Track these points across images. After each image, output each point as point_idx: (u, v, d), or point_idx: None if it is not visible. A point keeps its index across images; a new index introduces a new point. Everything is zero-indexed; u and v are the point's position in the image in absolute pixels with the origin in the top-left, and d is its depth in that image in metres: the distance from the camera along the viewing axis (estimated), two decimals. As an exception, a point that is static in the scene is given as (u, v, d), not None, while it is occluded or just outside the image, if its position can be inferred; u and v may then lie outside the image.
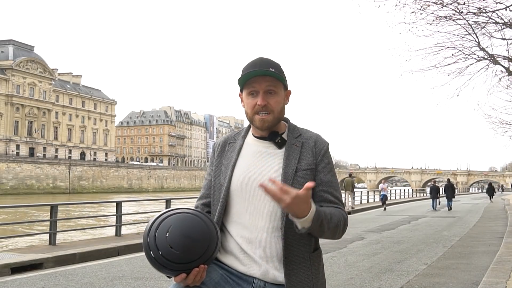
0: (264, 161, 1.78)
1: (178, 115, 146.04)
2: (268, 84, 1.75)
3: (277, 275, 1.70)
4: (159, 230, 1.58)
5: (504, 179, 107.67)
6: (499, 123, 18.76)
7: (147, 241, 1.59)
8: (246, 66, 1.78)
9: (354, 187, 23.12)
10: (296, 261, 1.69)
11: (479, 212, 23.07)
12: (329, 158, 1.83)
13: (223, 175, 1.82)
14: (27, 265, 7.33)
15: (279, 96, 1.78)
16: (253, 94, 1.77)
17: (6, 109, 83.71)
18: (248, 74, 1.74)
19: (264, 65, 1.75)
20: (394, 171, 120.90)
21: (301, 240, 1.71)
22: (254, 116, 1.78)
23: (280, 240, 1.69)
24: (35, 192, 71.11)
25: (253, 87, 1.77)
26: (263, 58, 1.79)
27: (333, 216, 1.68)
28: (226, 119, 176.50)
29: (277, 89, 1.77)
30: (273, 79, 1.76)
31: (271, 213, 1.72)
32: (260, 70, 1.73)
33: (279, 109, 1.78)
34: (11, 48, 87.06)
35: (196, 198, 1.99)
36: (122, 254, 8.81)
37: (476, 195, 61.42)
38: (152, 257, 1.58)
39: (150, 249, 1.58)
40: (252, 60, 1.79)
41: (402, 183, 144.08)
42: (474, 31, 11.29)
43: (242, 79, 1.77)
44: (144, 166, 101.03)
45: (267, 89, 1.75)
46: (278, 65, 1.79)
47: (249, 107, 1.79)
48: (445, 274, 7.09)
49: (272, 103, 1.76)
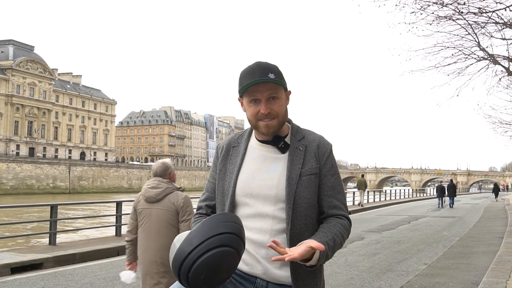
0: (268, 166, 1.78)
1: (178, 115, 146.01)
2: (269, 90, 1.73)
3: (279, 275, 1.71)
4: (192, 273, 1.47)
5: (504, 179, 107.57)
6: (499, 123, 18.72)
7: (179, 278, 1.50)
8: (244, 73, 1.75)
9: (366, 186, 26.02)
10: (302, 266, 1.69)
11: (479, 212, 23.09)
12: (332, 161, 1.82)
13: (227, 180, 1.82)
14: (27, 265, 7.33)
15: (281, 100, 1.77)
16: (255, 102, 1.75)
17: (6, 109, 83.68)
18: (248, 85, 1.72)
19: (263, 72, 1.71)
20: (394, 171, 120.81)
21: None
22: (258, 122, 1.76)
23: (284, 241, 1.70)
24: (35, 192, 71.08)
25: (255, 95, 1.74)
26: (260, 63, 1.75)
27: (336, 239, 1.70)
28: (226, 119, 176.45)
29: (278, 94, 1.76)
30: (274, 84, 1.73)
31: (274, 216, 1.72)
32: (261, 79, 1.70)
33: (282, 113, 1.77)
34: (11, 48, 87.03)
35: (196, 198, 2.01)
36: (122, 254, 8.78)
37: (476, 195, 61.39)
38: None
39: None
40: (249, 65, 1.76)
41: (402, 183, 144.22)
42: (474, 31, 11.29)
43: (243, 89, 1.74)
44: (144, 166, 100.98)
45: (269, 96, 1.74)
46: (276, 68, 1.76)
47: (251, 114, 1.77)
48: (445, 274, 7.09)
49: (275, 108, 1.74)
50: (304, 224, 1.72)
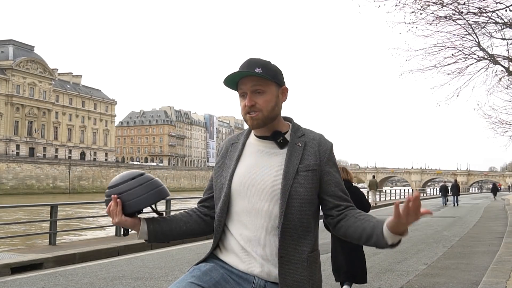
0: (265, 160, 1.78)
1: (178, 115, 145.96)
2: (254, 84, 1.75)
3: (277, 274, 1.69)
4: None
5: (504, 179, 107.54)
6: (499, 123, 18.75)
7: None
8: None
9: (377, 186, 28.04)
10: (292, 261, 1.69)
11: (479, 212, 23.09)
12: (334, 158, 1.84)
13: (224, 175, 1.83)
14: (27, 265, 7.33)
15: (268, 94, 1.77)
16: (243, 96, 1.78)
17: (6, 109, 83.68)
18: (229, 76, 1.75)
19: (250, 66, 1.74)
20: (394, 171, 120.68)
21: (299, 240, 1.71)
22: (245, 116, 1.79)
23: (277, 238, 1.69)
24: (35, 192, 71.09)
25: (241, 89, 1.78)
26: (251, 59, 1.78)
27: None
28: (226, 119, 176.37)
29: (265, 88, 1.76)
30: (259, 78, 1.75)
31: (270, 212, 1.71)
32: (242, 71, 1.73)
33: (269, 107, 1.77)
34: (11, 48, 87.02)
35: (196, 198, 2.02)
36: (122, 254, 8.81)
37: (476, 195, 61.37)
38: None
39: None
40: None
41: (402, 183, 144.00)
42: (474, 31, 11.29)
43: (225, 81, 1.77)
44: (144, 166, 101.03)
45: (254, 89, 1.75)
46: (267, 64, 1.77)
47: (241, 108, 1.80)
48: (445, 274, 7.09)
49: (260, 102, 1.75)
50: (298, 220, 1.71)
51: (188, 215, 1.92)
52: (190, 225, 1.90)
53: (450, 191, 31.24)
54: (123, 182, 1.77)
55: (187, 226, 1.89)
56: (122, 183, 1.77)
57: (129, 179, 1.78)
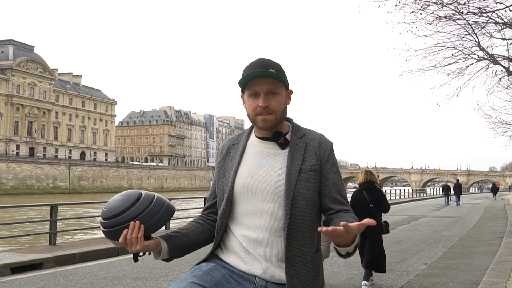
0: (267, 161, 1.78)
1: (178, 115, 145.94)
2: (269, 85, 1.74)
3: (278, 274, 1.69)
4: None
5: (504, 179, 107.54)
6: (499, 123, 18.76)
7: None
8: (246, 68, 1.77)
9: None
10: (298, 262, 1.68)
11: (479, 212, 23.10)
12: (334, 158, 1.83)
13: (226, 176, 1.81)
14: (27, 265, 7.33)
15: (281, 96, 1.77)
16: (254, 96, 1.76)
17: (6, 109, 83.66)
18: (248, 76, 1.73)
19: (264, 66, 1.73)
20: (394, 171, 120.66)
21: (304, 241, 1.70)
22: (256, 117, 1.77)
23: (282, 240, 1.69)
24: (35, 192, 71.09)
25: (254, 89, 1.75)
26: (263, 59, 1.78)
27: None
28: (226, 119, 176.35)
29: (278, 90, 1.76)
30: (274, 80, 1.74)
31: (273, 213, 1.71)
32: (261, 71, 1.72)
33: (281, 109, 1.77)
34: (11, 48, 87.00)
35: (196, 198, 2.01)
36: (122, 254, 8.79)
37: (477, 195, 61.37)
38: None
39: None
40: (252, 61, 1.78)
41: (402, 183, 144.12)
42: (474, 31, 11.29)
43: (242, 81, 1.76)
44: (144, 166, 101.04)
45: (268, 90, 1.74)
46: (278, 65, 1.78)
47: (250, 108, 1.78)
48: (445, 274, 7.09)
49: (273, 104, 1.75)
50: (302, 221, 1.70)
51: (200, 224, 1.88)
52: (205, 234, 1.86)
53: (452, 190, 31.72)
54: (131, 206, 1.65)
55: (202, 237, 1.85)
56: (130, 207, 1.65)
57: (134, 201, 1.67)
